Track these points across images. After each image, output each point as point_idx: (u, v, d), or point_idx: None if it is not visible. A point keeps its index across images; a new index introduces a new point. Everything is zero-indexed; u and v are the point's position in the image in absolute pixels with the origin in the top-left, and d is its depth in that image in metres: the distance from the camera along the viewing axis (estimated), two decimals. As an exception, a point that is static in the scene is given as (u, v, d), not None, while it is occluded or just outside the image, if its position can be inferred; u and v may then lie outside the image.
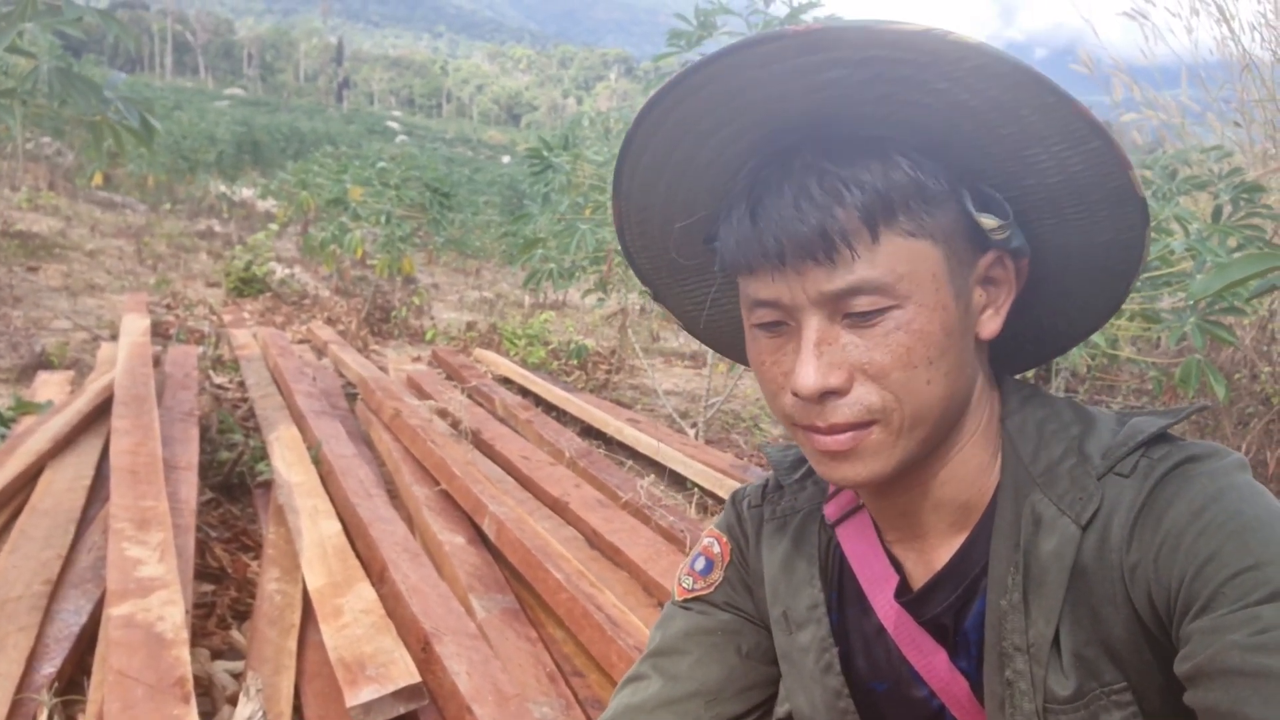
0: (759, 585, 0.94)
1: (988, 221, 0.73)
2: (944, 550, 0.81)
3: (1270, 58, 4.11)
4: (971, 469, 0.79)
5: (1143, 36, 4.51)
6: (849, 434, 0.73)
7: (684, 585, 0.97)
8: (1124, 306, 2.84)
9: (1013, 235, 0.75)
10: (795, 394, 0.72)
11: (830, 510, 0.90)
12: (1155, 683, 0.71)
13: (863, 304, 0.70)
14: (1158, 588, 0.68)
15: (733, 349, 0.95)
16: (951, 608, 0.80)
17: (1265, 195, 3.28)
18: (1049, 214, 0.75)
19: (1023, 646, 0.74)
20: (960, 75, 0.65)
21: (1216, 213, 2.97)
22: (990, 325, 0.77)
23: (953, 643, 0.81)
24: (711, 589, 0.95)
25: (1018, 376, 0.85)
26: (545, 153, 4.94)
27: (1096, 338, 2.62)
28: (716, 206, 0.77)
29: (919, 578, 0.83)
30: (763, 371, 0.77)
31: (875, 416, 0.72)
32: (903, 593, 0.83)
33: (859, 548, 0.87)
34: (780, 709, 0.93)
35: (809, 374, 0.71)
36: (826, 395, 0.72)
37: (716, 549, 0.97)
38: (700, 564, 0.97)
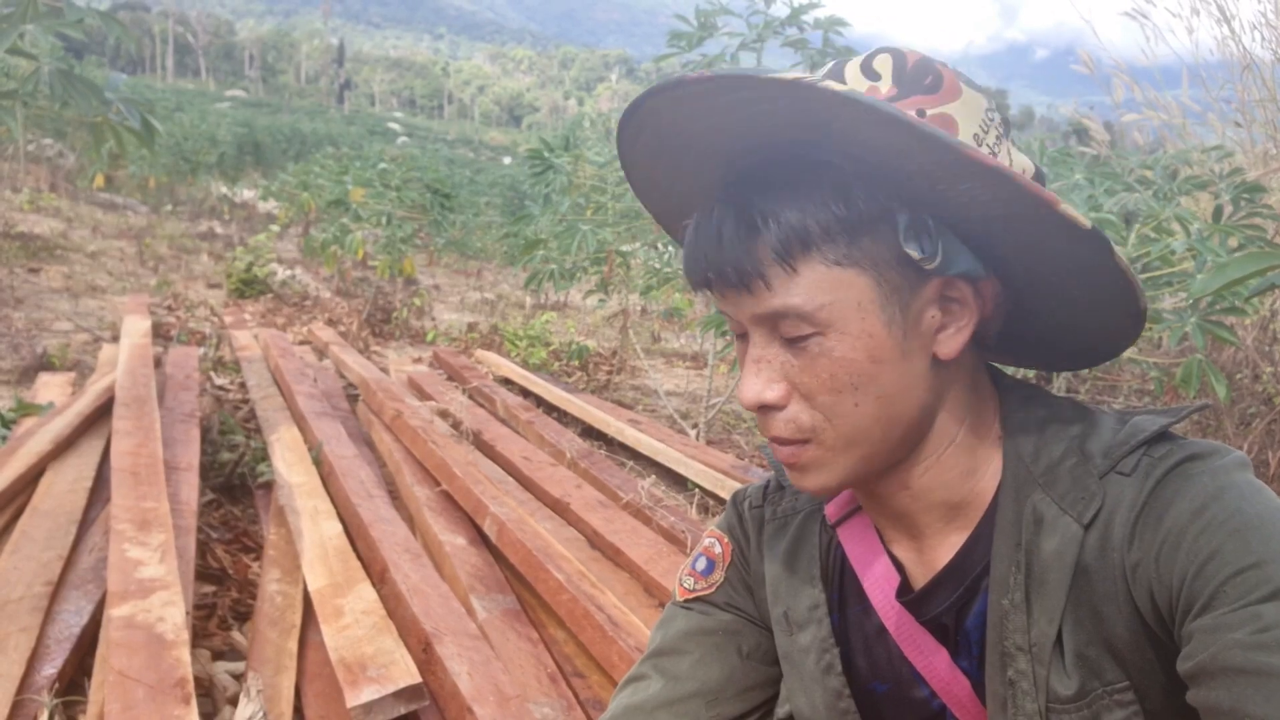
0: (760, 586, 0.94)
1: (912, 252, 0.72)
2: (944, 550, 0.81)
3: (1271, 57, 4.11)
4: (956, 474, 0.79)
5: (1144, 36, 4.51)
6: (789, 450, 0.77)
7: (685, 586, 0.97)
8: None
9: (950, 263, 0.73)
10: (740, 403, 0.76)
11: (831, 510, 0.90)
12: (1157, 682, 0.71)
13: (788, 329, 0.73)
14: (1159, 586, 0.68)
15: None
16: (952, 607, 0.80)
17: (1266, 195, 3.28)
18: (1001, 237, 0.74)
19: (1025, 646, 0.74)
20: (848, 121, 0.67)
21: (1217, 213, 2.97)
22: (949, 345, 0.75)
23: (954, 642, 0.81)
24: (712, 589, 0.95)
25: (1020, 375, 0.85)
26: (546, 153, 4.94)
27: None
28: None
29: (920, 578, 0.83)
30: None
31: (807, 435, 0.76)
32: (904, 593, 0.83)
33: (859, 548, 0.87)
34: (781, 710, 0.93)
35: (746, 387, 0.75)
36: (765, 408, 0.75)
37: (718, 549, 0.97)
38: (701, 564, 0.97)
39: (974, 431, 0.79)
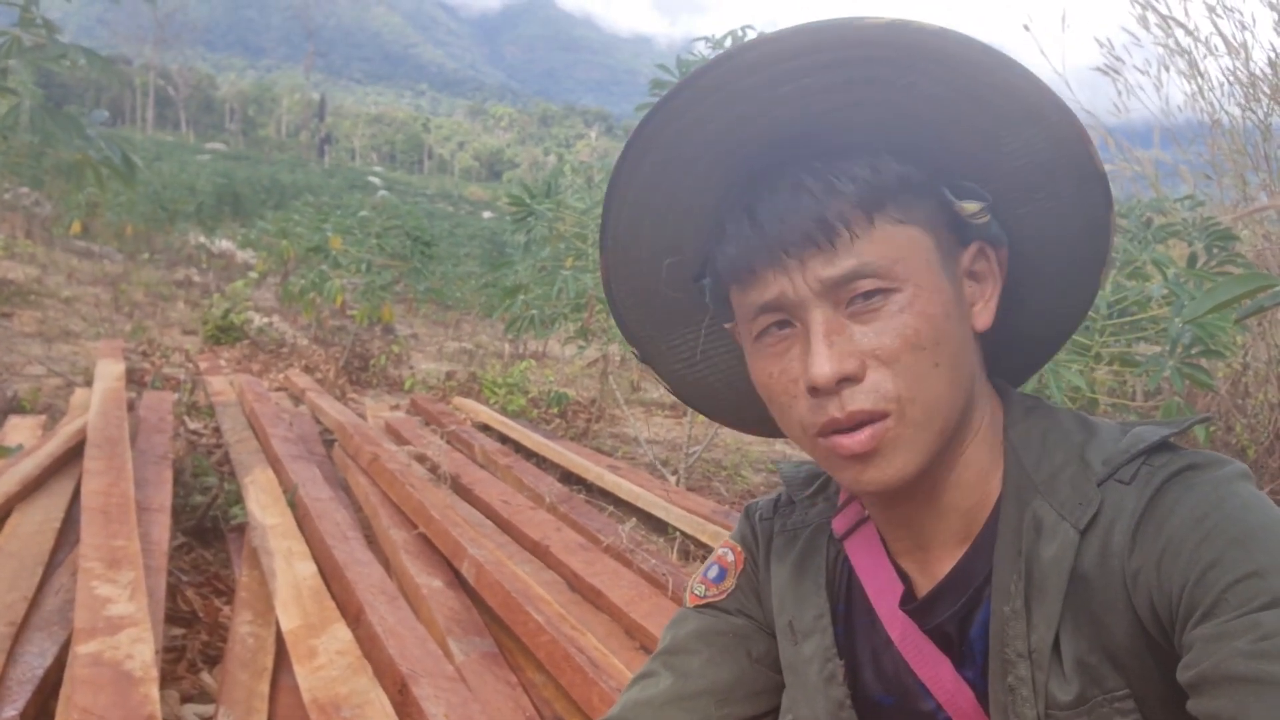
0: (768, 596, 0.94)
1: (969, 206, 0.75)
2: (947, 560, 0.81)
3: (1239, 111, 4.21)
4: (974, 474, 0.79)
5: (1115, 92, 4.62)
6: (868, 431, 0.72)
7: (696, 593, 0.96)
8: (1101, 351, 2.87)
9: (991, 221, 0.76)
10: (812, 386, 0.71)
11: (838, 524, 0.89)
12: (1157, 690, 0.70)
13: (866, 285, 0.71)
14: (1159, 594, 0.67)
15: (720, 407, 0.95)
16: (955, 616, 0.80)
17: (1237, 243, 3.34)
18: (1020, 202, 0.77)
19: (1024, 653, 0.73)
20: (927, 66, 0.67)
21: (1192, 259, 3.01)
22: (982, 317, 0.78)
23: (958, 652, 0.80)
24: (724, 596, 0.95)
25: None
26: (528, 199, 4.95)
27: (1077, 380, 2.63)
28: (701, 248, 0.79)
29: (924, 587, 0.82)
30: (771, 385, 0.76)
31: (890, 406, 0.71)
32: (907, 602, 0.83)
33: (866, 560, 0.86)
34: None
35: (823, 361, 0.70)
36: (843, 382, 0.71)
37: (730, 558, 0.97)
38: (713, 572, 0.97)
39: (990, 429, 0.79)
